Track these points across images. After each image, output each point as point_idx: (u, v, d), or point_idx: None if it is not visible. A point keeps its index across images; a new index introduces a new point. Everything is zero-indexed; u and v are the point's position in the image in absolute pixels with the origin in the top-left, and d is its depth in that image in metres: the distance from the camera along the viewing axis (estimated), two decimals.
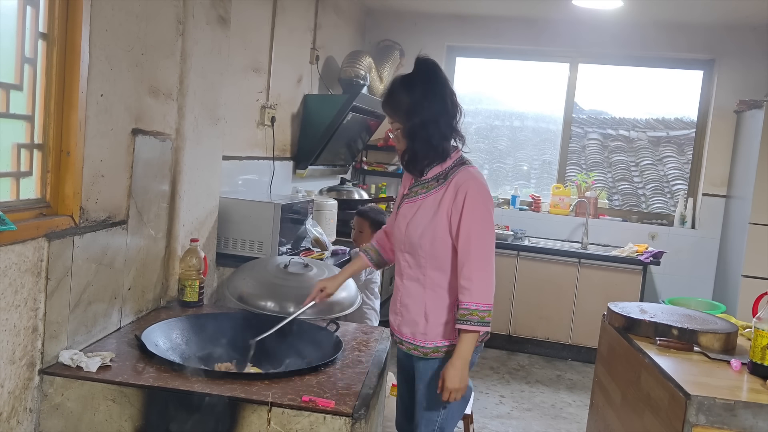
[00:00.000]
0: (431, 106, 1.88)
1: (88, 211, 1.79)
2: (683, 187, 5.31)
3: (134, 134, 2.00)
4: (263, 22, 3.40)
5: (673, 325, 2.00)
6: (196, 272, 2.36)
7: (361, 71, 4.22)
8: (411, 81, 1.91)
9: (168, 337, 2.02)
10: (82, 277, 1.78)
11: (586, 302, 4.63)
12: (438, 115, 1.90)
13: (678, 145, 5.61)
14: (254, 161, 3.43)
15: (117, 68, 1.87)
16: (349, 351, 2.05)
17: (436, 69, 1.93)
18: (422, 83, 1.89)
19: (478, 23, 5.23)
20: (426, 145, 1.92)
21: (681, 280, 4.98)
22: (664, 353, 1.90)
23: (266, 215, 2.84)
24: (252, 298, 2.39)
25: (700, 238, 4.99)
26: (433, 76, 1.91)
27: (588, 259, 4.67)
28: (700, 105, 5.14)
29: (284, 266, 2.54)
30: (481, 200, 1.90)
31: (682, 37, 4.92)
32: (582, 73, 5.34)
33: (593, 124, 5.83)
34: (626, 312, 2.14)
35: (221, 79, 2.60)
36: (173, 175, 2.32)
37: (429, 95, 1.89)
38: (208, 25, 2.45)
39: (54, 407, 1.63)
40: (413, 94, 1.88)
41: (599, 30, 4.96)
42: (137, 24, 1.96)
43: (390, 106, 1.95)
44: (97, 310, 1.88)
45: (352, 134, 4.57)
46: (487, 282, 1.95)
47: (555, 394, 4.01)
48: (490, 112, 5.80)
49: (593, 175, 5.49)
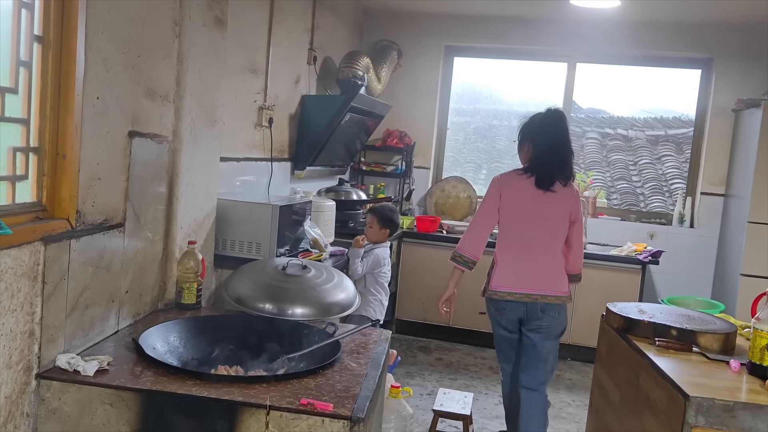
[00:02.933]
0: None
1: (84, 214, 1.78)
2: (682, 186, 5.31)
3: (131, 136, 2.00)
4: (260, 23, 3.40)
5: (671, 326, 1.99)
6: (194, 274, 2.35)
7: (359, 71, 4.21)
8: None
9: (166, 340, 2.01)
10: (78, 281, 1.77)
11: (585, 302, 4.62)
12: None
13: (676, 144, 5.61)
14: (252, 162, 3.42)
15: (113, 70, 1.86)
16: (347, 353, 2.04)
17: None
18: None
19: (476, 23, 5.23)
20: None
21: (680, 279, 4.98)
22: (663, 354, 1.90)
23: (264, 217, 2.84)
24: (250, 300, 2.38)
25: (698, 237, 4.99)
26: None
27: (586, 258, 4.62)
28: (698, 104, 5.14)
29: (282, 268, 2.53)
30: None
31: (679, 36, 4.92)
32: (580, 73, 5.34)
33: (591, 123, 5.84)
34: (625, 312, 2.14)
35: (218, 80, 2.60)
36: (170, 178, 2.31)
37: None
38: (204, 27, 2.44)
39: (51, 412, 1.63)
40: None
41: (597, 29, 4.96)
42: (133, 26, 1.95)
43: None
44: (94, 314, 1.87)
45: (351, 135, 4.57)
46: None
47: (554, 393, 4.00)
48: (489, 111, 5.80)
49: (591, 175, 5.49)
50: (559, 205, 2.83)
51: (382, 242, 3.45)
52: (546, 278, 2.80)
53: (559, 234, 2.87)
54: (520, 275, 2.81)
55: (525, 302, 2.80)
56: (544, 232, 2.84)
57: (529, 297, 2.79)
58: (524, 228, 2.83)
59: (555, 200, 2.81)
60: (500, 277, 2.84)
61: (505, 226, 2.88)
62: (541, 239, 2.83)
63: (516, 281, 2.81)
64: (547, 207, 2.81)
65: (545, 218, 2.82)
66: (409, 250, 4.91)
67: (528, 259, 2.83)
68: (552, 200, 2.81)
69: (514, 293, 2.80)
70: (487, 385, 4.05)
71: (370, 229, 3.45)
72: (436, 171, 5.61)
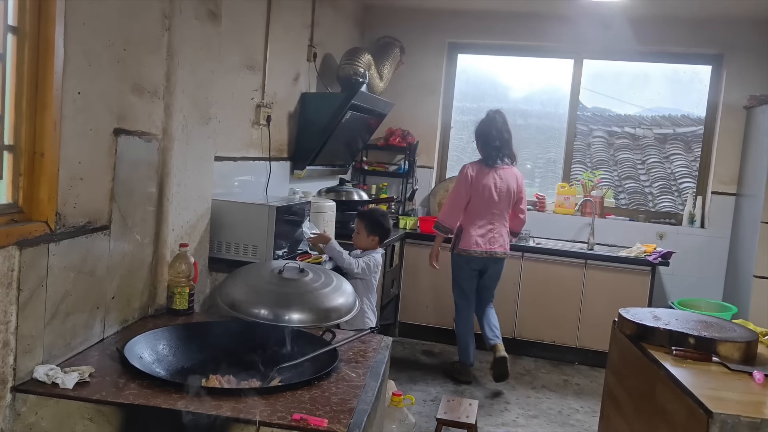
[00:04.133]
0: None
1: (65, 216, 1.68)
2: (691, 186, 5.18)
3: (116, 134, 1.89)
4: (258, 18, 3.29)
5: (689, 333, 1.88)
6: (186, 279, 2.25)
7: (360, 69, 4.11)
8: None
9: (153, 349, 1.90)
10: (58, 287, 1.67)
11: (593, 304, 4.51)
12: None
13: (685, 142, 5.48)
14: (250, 162, 3.32)
15: (96, 64, 1.76)
16: (345, 362, 1.94)
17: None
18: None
19: (480, 19, 5.12)
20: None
21: (690, 280, 4.85)
22: (681, 364, 1.78)
23: (261, 218, 2.73)
24: (244, 306, 2.28)
25: (709, 237, 4.87)
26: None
27: (595, 259, 4.56)
28: (708, 101, 5.01)
29: (279, 271, 2.43)
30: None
31: (689, 31, 4.79)
32: (587, 70, 5.22)
33: (598, 122, 5.71)
34: (638, 319, 2.02)
35: (212, 76, 2.50)
36: (160, 177, 2.21)
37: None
38: (197, 21, 2.34)
39: (27, 427, 1.53)
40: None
41: (604, 25, 4.83)
42: (118, 18, 1.85)
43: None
44: (76, 322, 1.77)
45: (352, 133, 4.46)
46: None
47: (562, 399, 3.89)
48: None
49: (599, 174, 5.37)
50: (507, 185, 4.01)
51: (372, 250, 3.20)
52: (497, 240, 4.02)
53: (508, 206, 4.05)
54: (483, 238, 3.99)
55: (484, 257, 4.01)
56: (498, 206, 4.00)
57: (487, 253, 4.00)
58: (486, 203, 3.98)
59: (504, 181, 4.00)
60: (467, 239, 3.99)
61: (473, 202, 4.01)
62: (496, 211, 4.01)
63: (480, 242, 3.99)
64: (499, 187, 3.99)
65: (498, 195, 3.99)
66: (413, 252, 4.80)
67: (488, 226, 4.01)
68: (502, 181, 3.99)
69: (478, 251, 3.99)
70: (492, 391, 3.94)
71: (358, 235, 3.20)
72: (439, 170, 5.50)
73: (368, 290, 3.13)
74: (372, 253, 3.14)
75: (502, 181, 3.99)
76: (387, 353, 2.11)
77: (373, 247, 3.19)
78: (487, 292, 4.19)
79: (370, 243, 3.18)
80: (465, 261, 4.03)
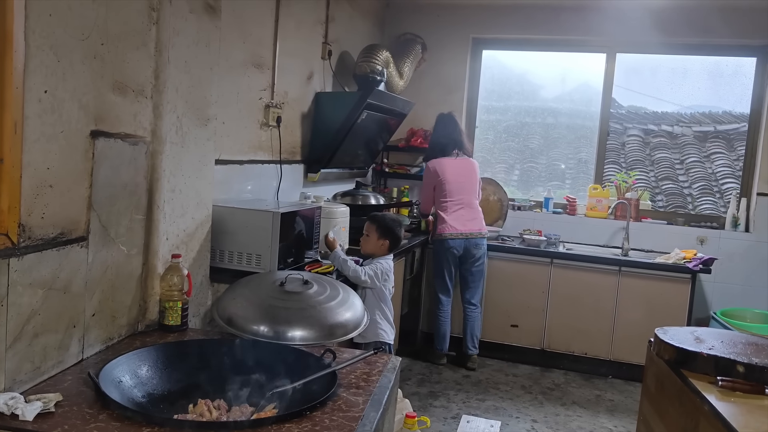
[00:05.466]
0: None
1: (30, 227, 1.52)
2: (734, 186, 4.85)
3: (94, 137, 1.73)
4: (265, 13, 3.13)
5: (737, 361, 1.63)
6: (179, 292, 2.09)
7: (378, 66, 3.91)
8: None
9: (135, 372, 1.73)
10: (23, 306, 1.51)
11: (628, 314, 4.22)
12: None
13: (727, 140, 5.14)
14: (258, 165, 3.15)
15: (67, 60, 1.60)
16: (344, 388, 1.74)
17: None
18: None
19: (505, 13, 4.87)
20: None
21: (734, 289, 4.52)
22: (728, 397, 1.53)
23: (264, 225, 2.56)
24: (242, 321, 2.10)
25: (755, 242, 4.53)
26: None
27: (629, 266, 4.27)
28: (752, 96, 4.68)
29: (280, 283, 2.25)
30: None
31: (731, 21, 4.47)
32: (620, 64, 4.92)
33: (633, 120, 5.39)
34: (678, 342, 1.78)
35: (211, 74, 2.33)
36: (150, 183, 2.05)
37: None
38: (192, 14, 2.17)
39: None
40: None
41: (638, 15, 4.54)
42: (94, 9, 1.69)
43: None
44: (47, 343, 1.61)
45: (370, 134, 4.27)
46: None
47: (594, 418, 3.62)
48: (521, 108, 5.42)
49: (634, 175, 5.06)
50: (471, 174, 4.33)
51: (380, 255, 3.00)
52: (472, 222, 4.25)
53: (475, 192, 4.34)
54: (458, 221, 4.21)
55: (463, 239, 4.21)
56: (466, 193, 4.28)
57: (463, 235, 4.20)
58: (456, 192, 4.24)
59: (467, 172, 4.30)
60: (446, 224, 4.20)
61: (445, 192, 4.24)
62: (465, 197, 4.27)
63: (459, 225, 4.21)
64: (463, 177, 4.28)
65: (465, 183, 4.28)
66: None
67: (462, 211, 4.25)
68: (465, 172, 4.29)
69: (457, 233, 4.20)
70: (518, 408, 3.69)
71: (367, 238, 3.01)
72: None
73: (381, 300, 2.93)
74: (379, 260, 2.94)
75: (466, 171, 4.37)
76: (393, 376, 1.90)
77: (382, 253, 2.99)
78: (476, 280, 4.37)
79: (380, 248, 2.99)
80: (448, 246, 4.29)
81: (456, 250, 4.18)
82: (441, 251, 4.23)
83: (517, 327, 4.49)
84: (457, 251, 4.19)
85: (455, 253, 4.19)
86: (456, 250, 4.18)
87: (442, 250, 4.21)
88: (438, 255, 4.26)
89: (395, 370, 1.94)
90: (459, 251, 4.20)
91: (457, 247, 4.18)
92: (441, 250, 4.23)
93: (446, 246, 4.18)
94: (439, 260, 4.26)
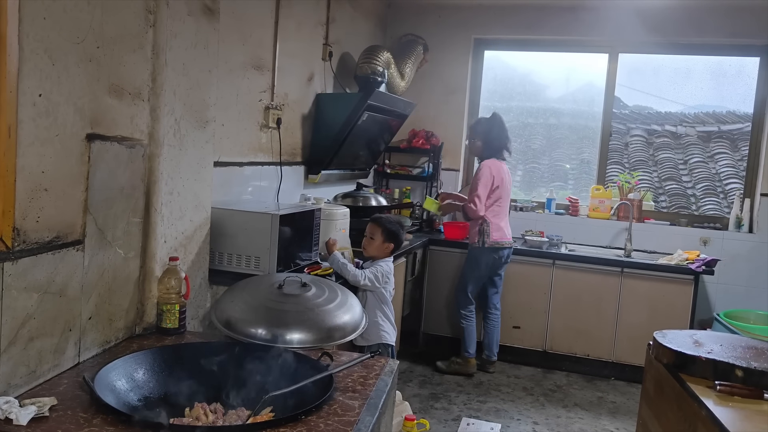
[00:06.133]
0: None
1: (25, 231, 1.52)
2: (738, 187, 4.82)
3: (90, 140, 1.73)
4: (265, 15, 3.12)
5: (736, 365, 1.61)
6: (176, 295, 2.08)
7: (378, 67, 3.91)
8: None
9: (131, 375, 1.73)
10: (18, 310, 1.51)
11: (631, 316, 4.21)
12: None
13: (731, 140, 5.11)
14: (258, 167, 3.15)
15: (62, 63, 1.60)
16: (341, 391, 1.73)
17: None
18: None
19: (507, 13, 4.86)
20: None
21: (738, 290, 4.49)
22: (726, 402, 1.52)
23: (263, 227, 2.56)
24: (240, 324, 2.10)
25: (758, 243, 4.50)
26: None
27: (632, 267, 4.25)
28: (756, 96, 4.65)
29: (279, 286, 2.25)
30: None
31: (734, 20, 4.44)
32: (623, 64, 4.90)
33: (636, 120, 5.37)
34: (676, 345, 1.76)
35: (209, 77, 2.32)
36: (147, 186, 2.04)
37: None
38: (190, 16, 2.17)
39: None
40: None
41: (641, 15, 4.53)
42: (89, 12, 1.69)
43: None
44: (42, 346, 1.61)
45: (372, 135, 4.26)
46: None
47: (596, 420, 3.60)
48: (523, 109, 5.40)
49: (637, 175, 5.04)
50: (510, 181, 4.27)
51: (383, 258, 2.98)
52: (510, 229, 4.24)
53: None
54: (508, 228, 4.18)
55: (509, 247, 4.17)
56: (509, 199, 4.28)
57: (509, 243, 4.15)
58: (505, 197, 4.20)
59: (509, 178, 4.24)
60: (502, 231, 4.11)
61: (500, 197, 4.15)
62: (508, 203, 4.29)
63: (509, 233, 4.18)
64: (508, 183, 4.23)
65: (509, 189, 4.26)
66: (437, 258, 4.58)
67: (508, 217, 4.24)
68: (508, 178, 4.23)
69: (510, 242, 4.17)
70: (519, 410, 3.68)
71: (372, 240, 2.97)
72: (466, 173, 5.25)
73: (381, 302, 2.93)
74: (380, 262, 2.94)
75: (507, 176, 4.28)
76: (390, 380, 1.89)
77: (385, 255, 2.98)
78: (499, 287, 4.32)
79: (384, 251, 2.98)
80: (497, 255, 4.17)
81: (504, 259, 4.13)
82: (487, 257, 4.08)
83: (520, 328, 4.48)
84: (504, 259, 4.13)
85: (501, 261, 4.12)
86: (504, 258, 4.13)
87: (489, 257, 4.08)
88: (480, 260, 4.10)
89: (392, 374, 1.93)
90: (506, 259, 4.15)
91: (505, 256, 4.13)
92: (487, 257, 4.08)
93: (498, 254, 4.08)
94: (480, 266, 4.11)
